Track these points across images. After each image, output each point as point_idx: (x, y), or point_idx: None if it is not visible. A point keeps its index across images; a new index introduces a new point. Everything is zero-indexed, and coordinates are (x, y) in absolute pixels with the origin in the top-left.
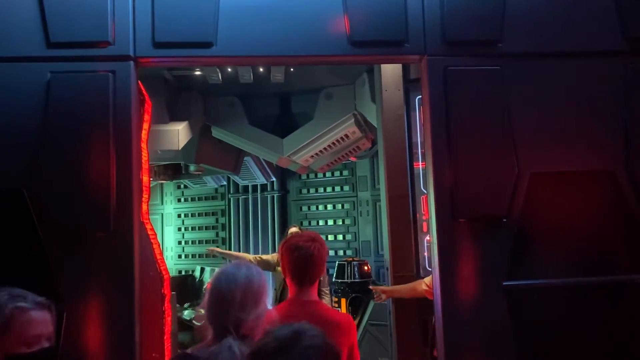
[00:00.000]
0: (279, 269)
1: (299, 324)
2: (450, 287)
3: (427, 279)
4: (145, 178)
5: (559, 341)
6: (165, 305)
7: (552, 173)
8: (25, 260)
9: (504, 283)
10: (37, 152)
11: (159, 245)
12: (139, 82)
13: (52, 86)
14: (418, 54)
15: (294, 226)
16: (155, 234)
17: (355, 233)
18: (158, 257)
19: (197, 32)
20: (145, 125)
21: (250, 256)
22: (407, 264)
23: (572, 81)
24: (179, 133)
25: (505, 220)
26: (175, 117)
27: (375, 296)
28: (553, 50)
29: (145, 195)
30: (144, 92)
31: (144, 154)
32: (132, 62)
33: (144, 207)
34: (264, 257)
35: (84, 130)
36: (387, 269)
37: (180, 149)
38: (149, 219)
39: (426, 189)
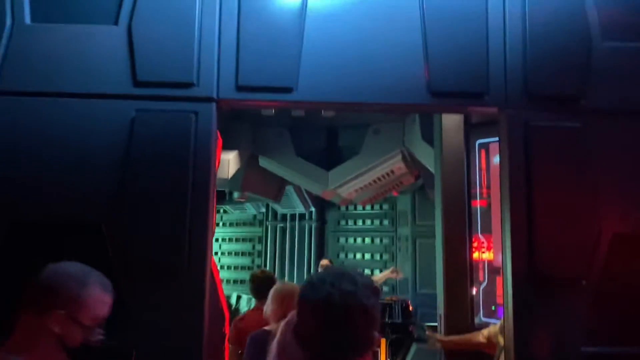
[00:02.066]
0: None
1: None
2: (525, 350)
3: (485, 331)
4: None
5: None
6: (225, 344)
7: (635, 235)
8: None
9: (582, 349)
10: (118, 187)
11: (220, 283)
12: None
13: (136, 124)
14: (497, 106)
15: (326, 259)
16: (218, 271)
17: None
18: (220, 294)
19: (279, 77)
20: (217, 163)
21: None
22: (462, 311)
23: None
24: (229, 163)
25: (584, 282)
26: (225, 147)
27: (429, 342)
28: (638, 108)
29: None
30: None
31: None
32: (214, 104)
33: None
34: None
35: (164, 169)
36: (440, 316)
37: (229, 178)
38: (212, 255)
39: (501, 245)
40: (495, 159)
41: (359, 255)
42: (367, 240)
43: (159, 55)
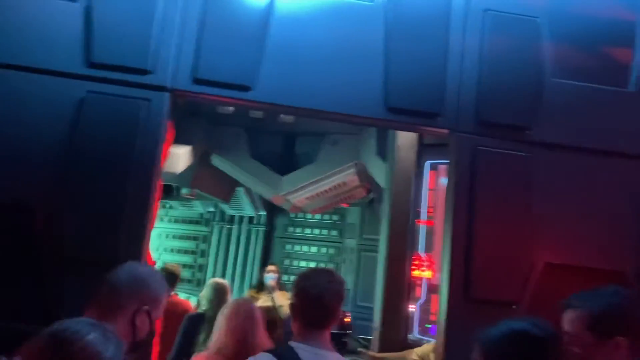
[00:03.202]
0: None
1: None
2: None
3: (419, 350)
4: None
5: None
6: (154, 340)
7: (565, 266)
8: (18, 280)
9: None
10: (57, 169)
11: None
12: None
13: (85, 105)
14: (449, 128)
15: (273, 265)
16: (154, 263)
17: None
18: None
19: (238, 74)
20: (165, 154)
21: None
22: (396, 327)
23: (594, 178)
24: (180, 157)
25: (515, 307)
26: (179, 141)
27: None
28: (580, 145)
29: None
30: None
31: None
32: (168, 94)
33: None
34: None
35: (108, 155)
36: (377, 329)
37: (179, 172)
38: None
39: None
40: (443, 181)
41: (303, 263)
42: (314, 249)
43: (116, 38)
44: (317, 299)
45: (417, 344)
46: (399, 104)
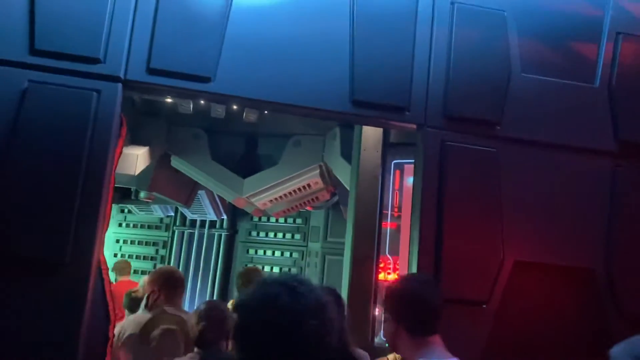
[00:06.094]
0: None
1: None
2: None
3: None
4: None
5: None
6: (107, 349)
7: (535, 263)
8: None
9: None
10: None
11: (109, 282)
12: None
13: (28, 96)
14: (417, 123)
15: None
16: (108, 269)
17: None
18: (108, 295)
19: (197, 64)
20: (118, 151)
21: None
22: (363, 331)
23: (563, 174)
24: (137, 158)
25: (484, 306)
26: (136, 141)
27: None
28: (549, 140)
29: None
30: (122, 115)
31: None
32: (120, 85)
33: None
34: None
35: (55, 150)
36: None
37: (136, 174)
38: (102, 251)
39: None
40: (409, 180)
41: (267, 268)
42: (277, 253)
43: (63, 22)
44: None
45: (383, 347)
46: (365, 98)
